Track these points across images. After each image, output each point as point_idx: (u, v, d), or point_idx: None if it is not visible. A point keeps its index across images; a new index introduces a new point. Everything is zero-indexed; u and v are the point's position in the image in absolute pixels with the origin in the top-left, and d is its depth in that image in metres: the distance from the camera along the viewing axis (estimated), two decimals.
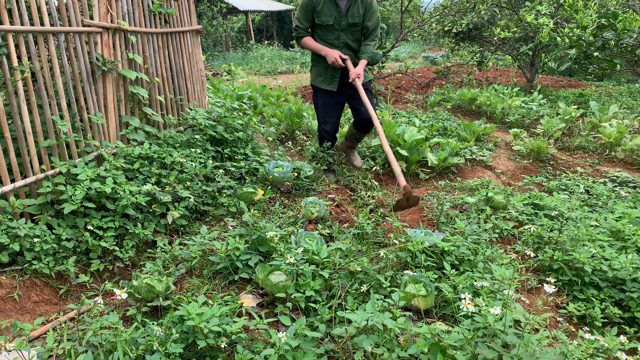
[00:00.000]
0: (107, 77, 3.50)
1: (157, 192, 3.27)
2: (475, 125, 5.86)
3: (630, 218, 3.29)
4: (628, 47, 6.83)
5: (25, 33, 2.82)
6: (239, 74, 12.74)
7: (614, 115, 6.64)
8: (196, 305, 2.03)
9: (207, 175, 3.93)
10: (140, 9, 3.81)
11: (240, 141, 4.62)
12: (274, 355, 1.82)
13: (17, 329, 1.88)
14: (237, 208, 3.69)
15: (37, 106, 2.96)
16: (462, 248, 2.72)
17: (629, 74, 11.25)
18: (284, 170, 4.13)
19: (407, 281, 2.43)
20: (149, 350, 1.90)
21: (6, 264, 2.66)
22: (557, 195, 3.81)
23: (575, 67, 11.10)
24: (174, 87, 4.34)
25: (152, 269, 2.64)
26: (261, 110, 6.94)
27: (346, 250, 2.83)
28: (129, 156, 3.50)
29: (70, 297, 2.71)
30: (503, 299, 2.09)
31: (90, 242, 2.85)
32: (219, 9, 22.26)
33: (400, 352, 1.79)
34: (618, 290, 2.60)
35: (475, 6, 9.90)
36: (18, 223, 2.63)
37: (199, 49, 4.71)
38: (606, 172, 5.09)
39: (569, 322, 2.48)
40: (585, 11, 7.40)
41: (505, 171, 5.09)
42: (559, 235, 3.01)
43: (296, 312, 2.43)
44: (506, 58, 14.46)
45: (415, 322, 2.38)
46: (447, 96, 8.52)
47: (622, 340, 1.93)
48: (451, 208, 3.87)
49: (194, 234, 3.37)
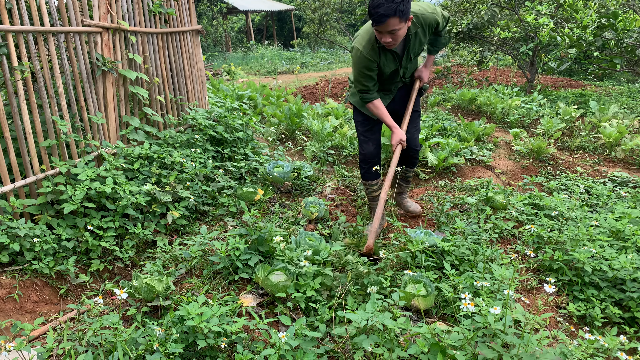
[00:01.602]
0: (107, 77, 3.50)
1: (157, 192, 3.27)
2: (475, 125, 5.86)
3: (630, 218, 3.29)
4: (628, 47, 6.83)
5: (25, 33, 2.82)
6: (239, 74, 12.75)
7: (614, 115, 6.64)
8: (196, 305, 2.03)
9: (207, 175, 3.93)
10: (140, 9, 3.81)
11: (240, 141, 4.62)
12: (274, 355, 1.82)
13: (17, 329, 1.88)
14: (237, 208, 3.69)
15: (37, 106, 2.96)
16: (462, 248, 2.72)
17: (629, 74, 11.25)
18: (284, 170, 4.13)
19: (407, 281, 2.43)
20: (149, 350, 1.90)
21: (6, 264, 2.66)
22: (557, 195, 3.81)
23: (575, 67, 11.10)
24: (174, 87, 4.34)
25: (152, 269, 2.64)
26: (261, 110, 6.95)
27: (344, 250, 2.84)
28: (129, 156, 3.50)
29: (70, 297, 2.71)
30: (503, 299, 2.09)
31: (90, 242, 2.85)
32: (219, 9, 22.26)
33: (400, 352, 1.79)
34: (618, 290, 2.60)
35: (475, 6, 9.90)
36: (18, 223, 2.63)
37: (199, 49, 4.71)
38: (606, 172, 5.09)
39: (569, 322, 2.48)
40: (586, 11, 7.40)
41: (505, 171, 5.09)
42: (559, 235, 3.01)
43: (296, 312, 2.43)
44: (506, 58, 14.46)
45: (415, 322, 2.38)
46: (447, 96, 8.52)
47: (622, 340, 1.93)
48: (451, 208, 3.87)
49: (194, 234, 3.37)
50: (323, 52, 21.00)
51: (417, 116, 3.45)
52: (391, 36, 2.78)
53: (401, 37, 2.83)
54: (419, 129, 3.49)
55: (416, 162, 3.60)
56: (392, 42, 2.83)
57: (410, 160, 3.54)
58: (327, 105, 6.99)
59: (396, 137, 3.14)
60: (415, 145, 3.44)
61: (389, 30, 2.73)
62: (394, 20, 2.67)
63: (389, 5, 2.63)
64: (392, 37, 2.78)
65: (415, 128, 3.42)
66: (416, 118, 3.45)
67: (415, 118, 3.42)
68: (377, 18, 2.68)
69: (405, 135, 3.16)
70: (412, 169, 3.63)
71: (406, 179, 3.71)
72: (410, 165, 3.58)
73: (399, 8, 2.64)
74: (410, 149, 3.43)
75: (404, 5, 2.66)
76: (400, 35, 2.81)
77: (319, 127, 5.61)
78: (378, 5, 2.65)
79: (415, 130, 3.42)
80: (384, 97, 3.34)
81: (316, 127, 5.61)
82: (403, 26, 2.75)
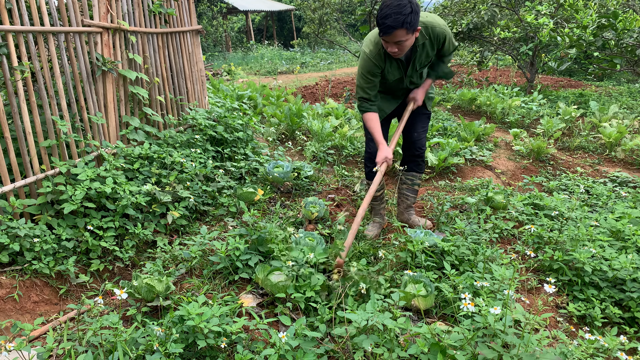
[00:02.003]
0: (107, 77, 3.50)
1: (157, 192, 3.27)
2: (475, 125, 5.86)
3: (630, 218, 3.29)
4: (628, 47, 6.83)
5: (25, 33, 2.82)
6: (239, 74, 12.75)
7: (614, 115, 6.64)
8: (196, 305, 2.03)
9: (207, 175, 3.93)
10: (140, 9, 3.81)
11: (240, 141, 4.62)
12: (274, 355, 1.82)
13: (17, 329, 1.88)
14: (237, 208, 3.69)
15: (37, 106, 2.96)
16: (462, 248, 2.72)
17: (629, 74, 11.25)
18: (284, 170, 4.13)
19: (407, 281, 2.43)
20: (149, 350, 1.90)
21: (6, 264, 2.66)
22: (557, 195, 3.81)
23: (575, 67, 11.10)
24: (174, 87, 4.34)
25: (152, 269, 2.64)
26: (261, 110, 6.95)
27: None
28: (129, 156, 3.50)
29: (70, 297, 2.71)
30: (503, 299, 2.09)
31: (90, 242, 2.85)
32: (219, 9, 22.26)
33: (400, 352, 1.79)
34: (618, 290, 2.60)
35: (475, 6, 9.90)
36: (18, 223, 2.63)
37: (199, 49, 4.71)
38: (606, 172, 5.09)
39: (569, 322, 2.48)
40: (586, 11, 7.40)
41: (505, 171, 5.09)
42: (559, 235, 3.01)
43: (296, 312, 2.43)
44: (506, 58, 14.46)
45: (415, 322, 2.38)
46: (447, 96, 8.52)
47: (622, 340, 1.93)
48: (451, 208, 3.87)
49: (194, 234, 3.37)
50: (323, 52, 21.01)
51: (426, 118, 3.43)
52: (397, 46, 2.78)
53: (407, 47, 2.82)
54: (427, 130, 3.45)
55: (422, 165, 3.49)
56: (398, 52, 2.83)
57: (416, 162, 3.44)
58: (327, 105, 6.99)
59: (381, 155, 3.04)
60: (421, 145, 3.40)
61: (396, 40, 2.73)
62: (400, 32, 2.67)
63: (397, 17, 2.62)
64: (399, 47, 2.78)
65: (422, 128, 3.39)
66: (425, 120, 3.42)
67: (424, 120, 3.41)
68: (384, 29, 2.68)
69: (391, 154, 3.07)
70: (419, 174, 3.48)
71: (412, 188, 3.50)
72: (416, 168, 3.46)
73: (406, 20, 2.63)
74: (415, 148, 3.38)
75: (412, 18, 2.64)
76: (406, 46, 2.80)
77: (319, 127, 5.61)
78: (386, 17, 2.64)
79: (423, 131, 3.39)
80: (390, 102, 3.32)
81: (316, 127, 5.62)
82: (410, 37, 2.75)
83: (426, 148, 3.45)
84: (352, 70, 14.17)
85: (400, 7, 2.61)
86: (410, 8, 2.62)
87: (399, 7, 2.61)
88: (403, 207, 3.53)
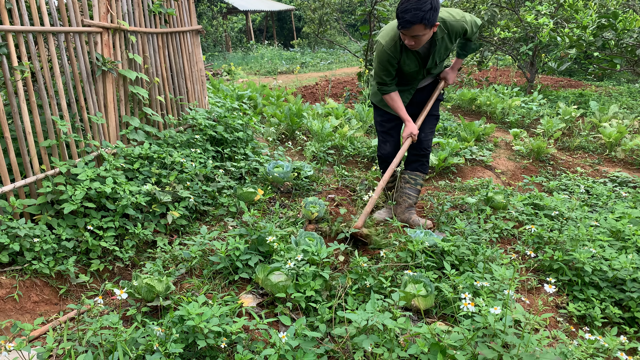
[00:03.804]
0: (107, 77, 3.50)
1: (157, 192, 3.27)
2: (475, 125, 5.86)
3: (630, 218, 3.29)
4: (628, 47, 6.83)
5: (25, 33, 2.82)
6: (239, 74, 12.74)
7: (614, 115, 6.64)
8: (196, 305, 2.03)
9: (207, 175, 3.93)
10: (140, 9, 3.81)
11: (240, 141, 4.62)
12: (274, 355, 1.82)
13: (17, 329, 1.88)
14: (237, 208, 3.69)
15: (37, 106, 2.96)
16: (462, 248, 2.72)
17: (629, 74, 11.25)
18: (284, 170, 4.13)
19: (407, 281, 2.43)
20: (149, 350, 1.90)
21: (6, 264, 2.66)
22: (557, 195, 3.81)
23: (575, 67, 11.10)
24: (174, 87, 4.34)
25: (152, 269, 2.64)
26: (261, 110, 6.95)
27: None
28: (129, 156, 3.50)
29: (70, 297, 2.71)
30: (503, 299, 2.09)
31: (90, 242, 2.85)
32: (219, 9, 22.26)
33: (400, 352, 1.79)
34: (618, 290, 2.60)
35: (475, 6, 9.90)
36: (18, 223, 2.63)
37: (199, 49, 4.71)
38: (606, 172, 5.09)
39: (569, 322, 2.48)
40: (586, 11, 7.39)
41: (505, 171, 5.09)
42: (559, 235, 3.01)
43: (296, 312, 2.43)
44: (506, 58, 14.46)
45: (415, 322, 2.38)
46: (447, 96, 8.52)
47: (622, 340, 1.93)
48: (451, 208, 3.87)
49: (194, 234, 3.37)
50: (323, 52, 21.00)
51: (434, 119, 3.47)
52: (414, 40, 2.84)
53: (424, 41, 2.89)
54: (434, 131, 3.51)
55: (427, 166, 3.50)
56: (415, 45, 2.89)
57: (420, 162, 3.47)
58: (327, 105, 6.99)
59: (407, 130, 3.23)
60: (427, 146, 3.44)
61: (413, 35, 2.79)
62: (419, 27, 2.73)
63: (416, 12, 2.67)
64: (416, 40, 2.84)
65: (430, 130, 3.43)
66: (433, 121, 3.47)
67: (432, 121, 3.45)
68: (403, 23, 2.74)
69: (417, 130, 3.23)
70: (423, 174, 3.51)
71: (415, 188, 3.50)
72: (421, 168, 3.48)
73: (425, 17, 2.68)
74: (421, 148, 3.42)
75: (431, 14, 2.70)
76: (423, 40, 2.87)
77: (319, 127, 5.61)
78: (405, 11, 2.70)
79: (430, 132, 3.43)
80: (403, 94, 3.37)
81: (316, 127, 5.61)
82: (428, 32, 2.81)
83: (431, 150, 3.48)
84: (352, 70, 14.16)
85: (421, 3, 2.67)
86: (430, 5, 2.69)
87: (419, 3, 2.68)
88: (404, 206, 3.54)
